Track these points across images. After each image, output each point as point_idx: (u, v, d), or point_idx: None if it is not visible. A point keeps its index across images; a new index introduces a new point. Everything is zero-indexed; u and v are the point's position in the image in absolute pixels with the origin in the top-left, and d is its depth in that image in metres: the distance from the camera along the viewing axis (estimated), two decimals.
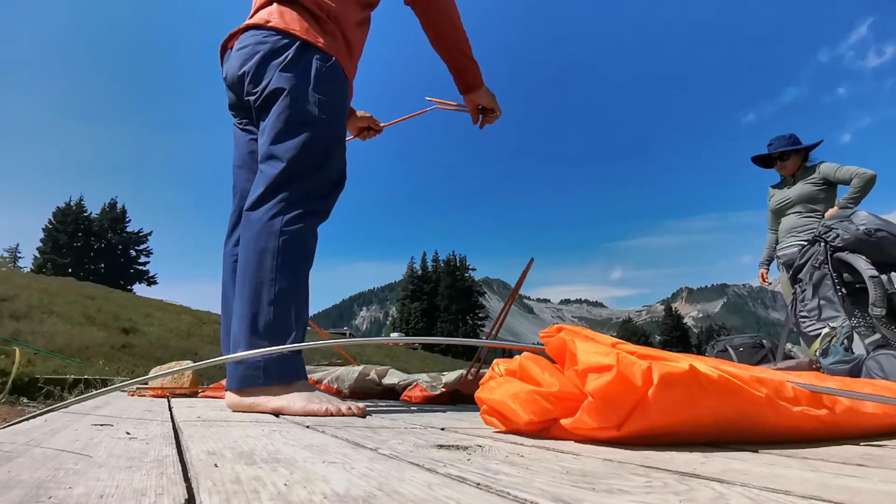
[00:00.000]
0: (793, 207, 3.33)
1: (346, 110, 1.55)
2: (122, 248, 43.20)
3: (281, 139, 1.39)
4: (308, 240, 1.37)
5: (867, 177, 3.05)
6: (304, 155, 1.38)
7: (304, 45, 1.43)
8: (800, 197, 3.28)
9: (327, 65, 1.44)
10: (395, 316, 65.56)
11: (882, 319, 1.60)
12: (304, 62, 1.42)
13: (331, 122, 1.44)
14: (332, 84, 1.45)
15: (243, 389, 1.23)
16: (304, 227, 1.35)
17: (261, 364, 1.22)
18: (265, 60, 1.42)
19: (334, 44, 1.49)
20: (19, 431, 0.70)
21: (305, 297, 1.35)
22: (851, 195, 3.07)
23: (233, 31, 1.55)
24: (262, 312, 1.26)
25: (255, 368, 1.22)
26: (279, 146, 1.39)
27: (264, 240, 1.31)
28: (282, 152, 1.38)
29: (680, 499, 0.38)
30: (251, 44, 1.45)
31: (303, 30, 1.44)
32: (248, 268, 1.31)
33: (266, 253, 1.30)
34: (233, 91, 1.57)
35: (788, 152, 3.29)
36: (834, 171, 3.17)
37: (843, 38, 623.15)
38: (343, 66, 1.50)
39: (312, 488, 0.39)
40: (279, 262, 1.29)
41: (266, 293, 1.27)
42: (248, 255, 1.32)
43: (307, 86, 1.40)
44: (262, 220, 1.33)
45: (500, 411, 0.84)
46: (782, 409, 0.71)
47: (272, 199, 1.35)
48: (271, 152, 1.39)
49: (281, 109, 1.40)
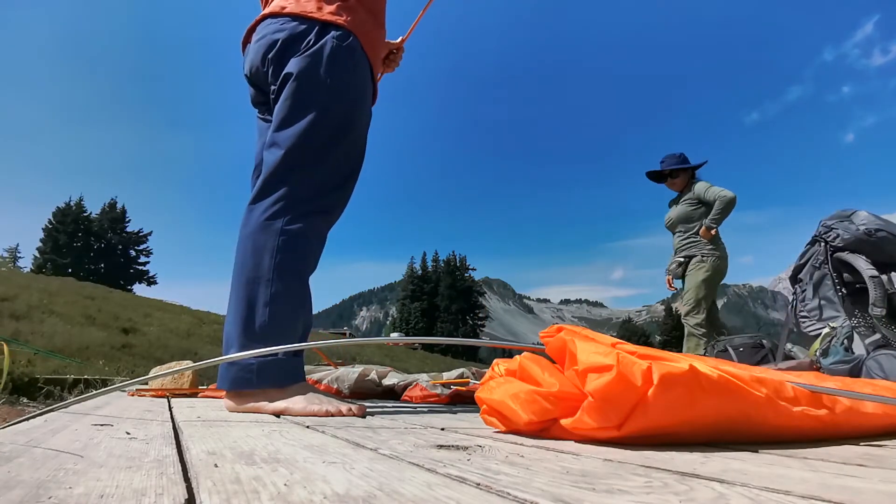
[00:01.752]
0: (675, 227, 3.59)
1: (366, 92, 1.44)
2: (122, 248, 43.20)
3: (284, 126, 1.31)
4: (311, 240, 1.30)
5: (727, 199, 3.33)
6: (306, 141, 1.30)
7: (322, 26, 1.35)
8: (678, 217, 3.54)
9: (344, 43, 1.35)
10: (395, 316, 65.57)
11: (882, 319, 1.60)
12: (319, 43, 1.33)
13: (341, 106, 1.35)
14: (347, 63, 1.35)
15: (239, 392, 1.19)
16: (306, 226, 1.28)
17: (254, 367, 1.18)
18: (285, 49, 1.35)
19: (355, 17, 1.39)
20: (19, 431, 0.70)
21: (303, 300, 1.28)
22: (714, 216, 3.34)
23: (252, 24, 1.47)
24: (258, 314, 1.21)
25: (247, 371, 1.18)
26: (281, 133, 1.31)
27: (263, 238, 1.25)
28: (283, 140, 1.30)
29: (680, 499, 0.38)
30: (268, 33, 1.38)
31: (318, 10, 1.36)
32: (244, 266, 1.25)
33: (265, 252, 1.23)
34: (255, 84, 1.49)
35: (678, 170, 3.55)
36: (704, 192, 3.44)
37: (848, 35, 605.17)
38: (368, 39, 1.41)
39: (312, 488, 0.39)
40: (278, 261, 1.23)
41: (262, 294, 1.21)
42: (246, 252, 1.26)
43: (318, 68, 1.31)
44: (263, 216, 1.26)
45: (500, 411, 0.84)
46: (782, 409, 0.71)
47: (274, 192, 1.28)
48: (273, 139, 1.32)
49: (287, 95, 1.32)
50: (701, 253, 3.39)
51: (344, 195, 1.40)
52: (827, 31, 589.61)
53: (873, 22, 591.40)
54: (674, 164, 3.56)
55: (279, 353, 1.17)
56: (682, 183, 3.56)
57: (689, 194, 3.50)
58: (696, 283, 3.33)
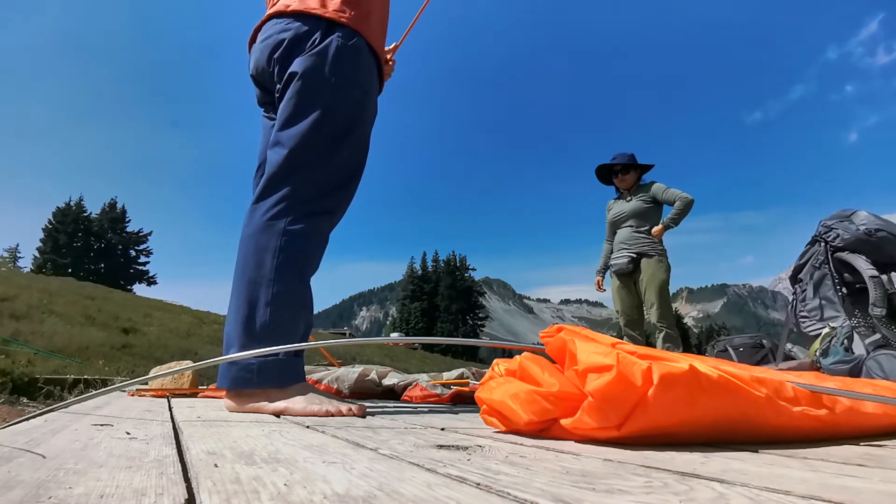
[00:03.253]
0: (627, 221, 3.63)
1: (371, 91, 1.44)
2: (122, 248, 43.20)
3: (288, 125, 1.31)
4: (313, 240, 1.30)
5: (688, 200, 3.44)
6: (309, 140, 1.30)
7: (328, 24, 1.35)
8: (633, 212, 3.59)
9: (350, 42, 1.34)
10: (395, 316, 65.57)
11: (882, 319, 1.60)
12: (325, 42, 1.33)
13: (346, 106, 1.34)
14: (353, 61, 1.35)
15: (239, 392, 1.19)
16: (308, 227, 1.27)
17: (254, 366, 1.18)
18: (290, 49, 1.35)
19: (358, 15, 1.38)
20: (19, 431, 0.70)
21: (305, 301, 1.28)
22: (673, 215, 3.44)
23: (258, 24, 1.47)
24: (259, 313, 1.21)
25: (247, 371, 1.18)
26: (284, 132, 1.31)
27: (266, 238, 1.24)
28: (286, 139, 1.30)
29: (680, 499, 0.38)
30: (274, 33, 1.38)
31: (322, 8, 1.36)
32: (246, 265, 1.25)
33: (266, 252, 1.23)
34: (261, 84, 1.49)
35: (629, 167, 3.64)
36: (661, 192, 3.53)
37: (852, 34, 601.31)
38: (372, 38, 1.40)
39: (312, 488, 0.39)
40: (279, 261, 1.22)
41: (263, 294, 1.21)
42: (248, 252, 1.26)
43: (323, 67, 1.31)
44: (265, 216, 1.26)
45: (500, 411, 0.84)
46: (782, 409, 0.71)
47: (277, 192, 1.28)
48: (277, 138, 1.32)
49: (291, 94, 1.32)
50: (657, 252, 3.42)
51: (347, 195, 1.39)
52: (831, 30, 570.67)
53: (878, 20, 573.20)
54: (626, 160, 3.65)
55: (280, 353, 1.17)
56: (632, 181, 3.64)
57: (643, 193, 3.57)
58: (661, 284, 3.34)
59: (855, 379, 1.16)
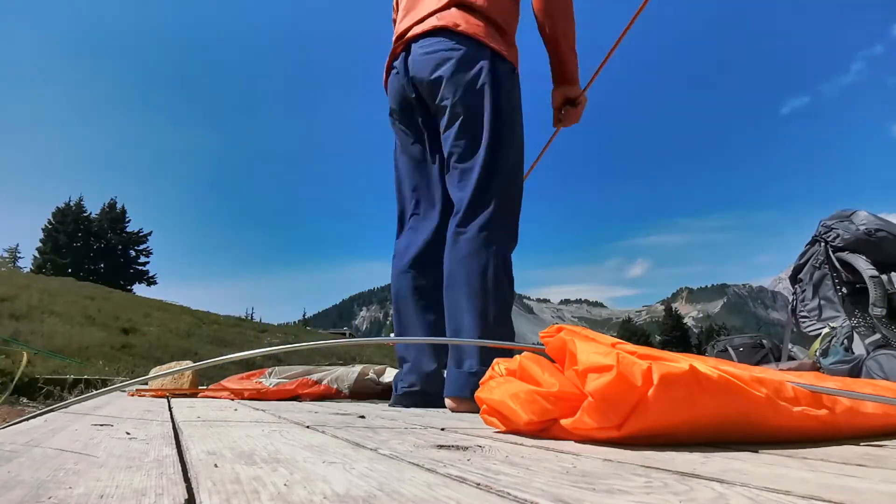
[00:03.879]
0: None
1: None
2: (122, 248, 43.17)
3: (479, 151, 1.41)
4: (509, 264, 1.42)
5: None
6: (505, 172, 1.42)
7: (494, 56, 1.43)
8: None
9: (515, 77, 1.47)
10: None
11: (882, 319, 1.60)
12: (499, 76, 1.42)
13: (521, 138, 1.48)
14: (517, 96, 1.48)
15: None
16: (507, 253, 1.41)
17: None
18: (458, 68, 1.42)
19: (511, 51, 1.49)
20: (19, 431, 0.70)
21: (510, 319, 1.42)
22: None
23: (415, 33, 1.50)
24: (490, 308, 1.34)
25: None
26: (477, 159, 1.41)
27: (483, 257, 1.37)
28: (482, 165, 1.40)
29: (680, 499, 0.38)
30: (442, 49, 1.44)
31: (491, 39, 1.44)
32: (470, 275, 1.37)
33: (487, 268, 1.36)
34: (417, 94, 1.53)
35: None
36: None
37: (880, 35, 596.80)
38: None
39: (312, 488, 0.39)
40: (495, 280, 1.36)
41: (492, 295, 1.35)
42: (471, 268, 1.37)
43: (504, 96, 1.42)
44: (477, 240, 1.38)
45: (500, 411, 0.84)
46: (782, 410, 0.71)
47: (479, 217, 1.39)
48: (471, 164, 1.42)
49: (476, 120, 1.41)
50: None
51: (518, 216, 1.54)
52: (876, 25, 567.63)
53: None
54: None
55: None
56: None
57: None
58: None
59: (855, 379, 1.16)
